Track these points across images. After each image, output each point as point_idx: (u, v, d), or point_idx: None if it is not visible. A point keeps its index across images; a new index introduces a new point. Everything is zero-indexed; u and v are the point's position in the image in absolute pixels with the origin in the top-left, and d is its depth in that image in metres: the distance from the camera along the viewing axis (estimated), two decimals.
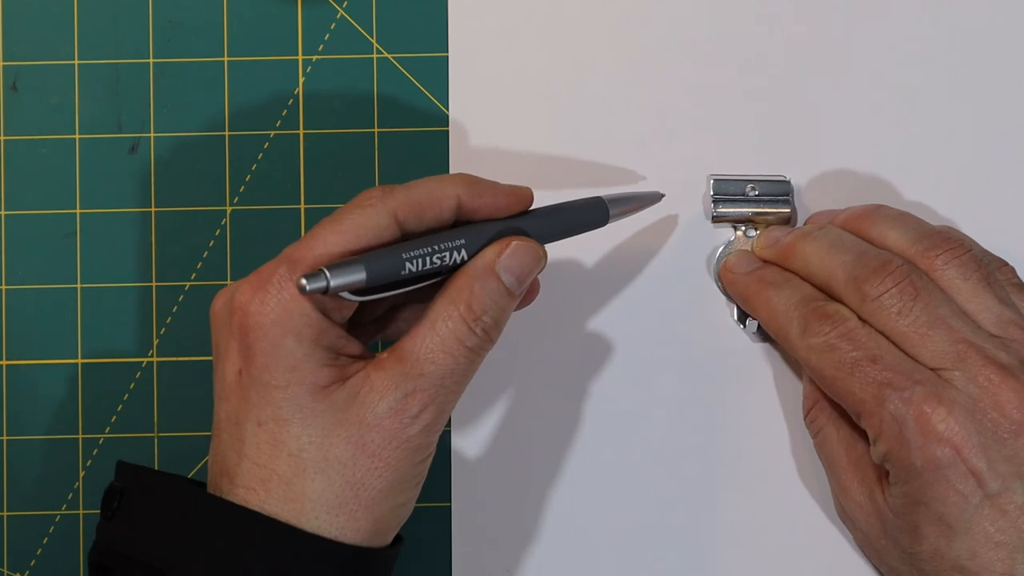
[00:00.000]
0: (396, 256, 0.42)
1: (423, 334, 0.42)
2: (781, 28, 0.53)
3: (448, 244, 0.43)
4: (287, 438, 0.41)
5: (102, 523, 0.44)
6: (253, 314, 0.41)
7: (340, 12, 0.53)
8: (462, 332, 0.42)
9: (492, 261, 0.43)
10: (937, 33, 0.52)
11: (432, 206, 0.43)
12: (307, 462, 0.41)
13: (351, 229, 0.42)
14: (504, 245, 0.44)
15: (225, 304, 0.43)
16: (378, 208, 0.42)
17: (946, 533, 0.44)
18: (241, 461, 0.42)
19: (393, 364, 0.42)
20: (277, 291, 0.41)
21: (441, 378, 0.42)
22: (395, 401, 0.42)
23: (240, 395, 0.42)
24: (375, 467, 0.42)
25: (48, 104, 0.53)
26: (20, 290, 0.53)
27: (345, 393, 0.42)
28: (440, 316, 0.42)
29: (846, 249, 0.47)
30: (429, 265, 0.42)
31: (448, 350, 0.42)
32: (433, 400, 0.42)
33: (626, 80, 0.53)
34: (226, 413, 0.43)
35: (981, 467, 0.43)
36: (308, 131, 0.53)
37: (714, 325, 0.52)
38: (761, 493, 0.51)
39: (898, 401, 0.44)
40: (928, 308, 0.45)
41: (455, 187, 0.44)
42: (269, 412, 0.41)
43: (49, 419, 0.52)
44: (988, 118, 0.52)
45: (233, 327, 0.42)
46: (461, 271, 0.43)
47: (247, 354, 0.42)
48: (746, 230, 0.52)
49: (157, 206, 0.53)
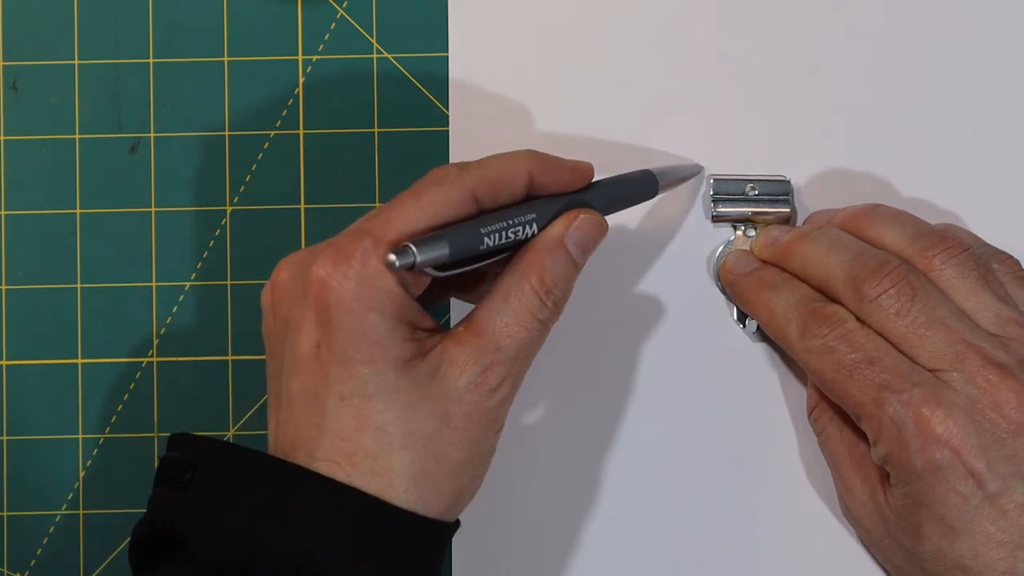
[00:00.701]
0: (475, 231, 0.42)
1: (497, 308, 0.43)
2: (781, 28, 0.53)
3: (521, 219, 0.44)
4: (372, 412, 0.41)
5: (170, 495, 0.43)
6: (335, 288, 0.41)
7: (340, 12, 0.53)
8: (535, 305, 0.43)
9: (561, 234, 0.44)
10: (937, 32, 0.52)
11: (506, 183, 0.44)
12: (393, 436, 0.41)
13: (431, 205, 0.42)
14: (571, 218, 0.45)
15: (294, 276, 0.43)
16: (456, 185, 0.43)
17: (948, 534, 0.44)
18: (321, 435, 0.41)
19: (470, 338, 0.43)
20: (360, 265, 0.41)
21: (516, 351, 0.43)
22: (475, 375, 0.42)
23: (318, 369, 0.42)
24: (458, 439, 0.42)
25: (48, 104, 0.53)
26: (20, 290, 0.53)
27: (427, 367, 0.42)
28: (513, 290, 0.43)
29: (844, 249, 0.47)
30: (504, 240, 0.43)
31: (523, 323, 0.43)
32: (509, 372, 0.43)
33: (626, 80, 0.53)
34: (299, 386, 0.42)
35: (980, 468, 0.43)
36: (308, 131, 0.53)
37: (714, 325, 0.52)
38: (764, 492, 0.51)
39: (897, 403, 0.44)
40: (926, 308, 0.45)
41: (526, 164, 0.44)
42: (353, 387, 0.41)
43: (49, 419, 0.52)
44: (988, 116, 0.52)
45: (309, 300, 0.42)
46: (531, 245, 0.44)
47: (327, 328, 0.41)
48: (746, 230, 0.52)
49: (157, 206, 0.53)
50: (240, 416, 0.52)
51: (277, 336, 0.43)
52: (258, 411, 0.52)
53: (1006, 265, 0.48)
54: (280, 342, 0.43)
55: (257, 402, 0.52)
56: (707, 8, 0.53)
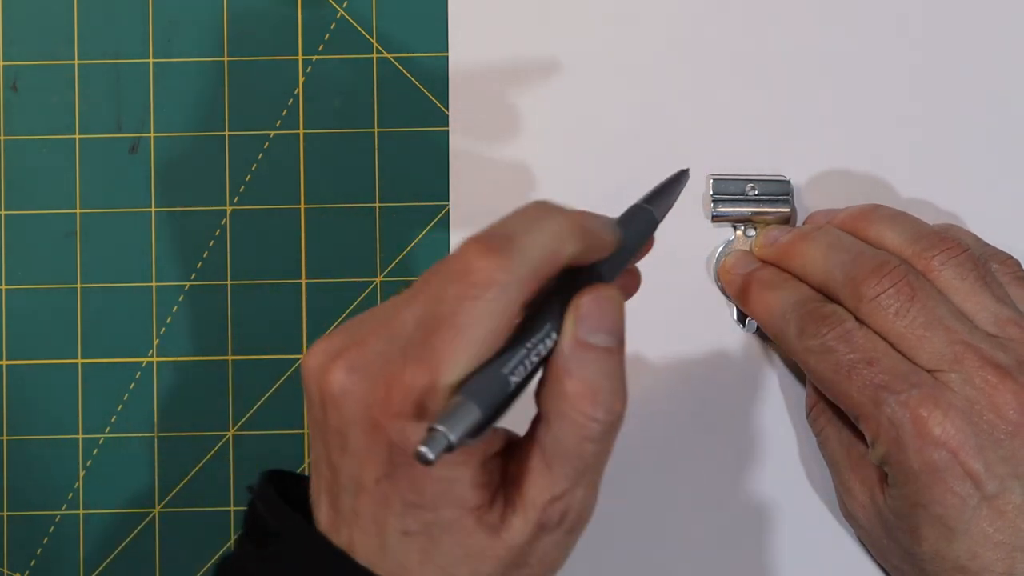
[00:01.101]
0: (499, 375, 0.37)
1: (548, 444, 0.38)
2: (781, 28, 0.53)
3: (539, 336, 0.38)
4: (436, 555, 0.39)
5: (252, 553, 0.41)
6: (398, 429, 0.37)
7: (340, 12, 0.53)
8: (584, 431, 0.38)
9: (573, 336, 0.38)
10: (937, 32, 0.52)
11: (551, 270, 0.38)
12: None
13: (485, 338, 0.37)
14: (575, 310, 0.38)
15: (352, 392, 0.38)
16: (509, 293, 0.37)
17: (945, 535, 0.44)
18: (385, 556, 0.39)
19: (531, 481, 0.39)
20: (418, 411, 0.37)
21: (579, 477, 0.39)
22: (539, 517, 0.39)
23: (380, 499, 0.39)
24: (535, 571, 0.40)
25: (48, 104, 0.53)
26: (20, 290, 0.53)
27: (494, 516, 0.39)
28: (554, 423, 0.38)
29: (843, 249, 0.47)
30: (530, 366, 0.37)
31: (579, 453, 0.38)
32: (574, 500, 0.39)
33: (626, 80, 0.53)
34: (360, 509, 0.39)
35: (978, 469, 0.43)
36: (308, 131, 0.53)
37: (714, 325, 0.52)
38: (763, 492, 0.51)
39: (895, 404, 0.44)
40: (925, 309, 0.45)
41: (571, 244, 0.38)
42: (417, 527, 0.39)
43: (49, 419, 0.52)
44: (988, 117, 0.52)
45: (372, 430, 0.38)
46: (551, 361, 0.38)
47: (392, 472, 0.38)
48: (745, 230, 0.52)
49: (157, 206, 0.53)
50: (240, 416, 0.52)
51: (333, 443, 0.39)
52: (258, 411, 0.52)
53: (1006, 265, 0.48)
54: (339, 451, 0.39)
55: (257, 402, 0.52)
56: (707, 8, 0.53)
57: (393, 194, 0.53)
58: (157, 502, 0.52)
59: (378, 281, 0.52)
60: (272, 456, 0.52)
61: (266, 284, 0.52)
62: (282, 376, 0.52)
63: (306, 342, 0.52)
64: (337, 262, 0.52)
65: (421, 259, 0.52)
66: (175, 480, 0.52)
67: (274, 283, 0.52)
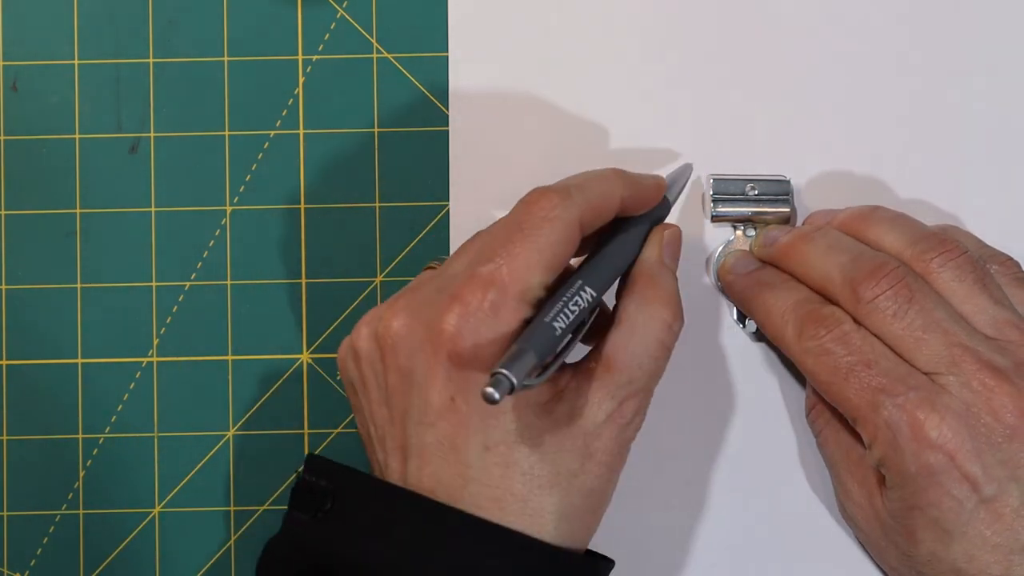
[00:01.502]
0: (545, 325, 0.41)
1: (625, 341, 0.44)
2: (781, 28, 0.53)
3: (572, 289, 0.43)
4: (519, 458, 0.42)
5: (311, 522, 0.43)
6: (469, 345, 0.41)
7: (340, 12, 0.53)
8: (662, 333, 0.44)
9: (660, 255, 0.46)
10: (937, 33, 0.52)
11: (604, 209, 0.44)
12: (541, 478, 0.42)
13: (548, 247, 0.42)
14: (660, 236, 0.46)
15: (412, 327, 0.42)
16: (565, 219, 0.42)
17: (942, 537, 0.44)
18: (467, 484, 0.42)
19: (603, 373, 0.43)
20: (491, 319, 0.41)
21: (647, 381, 0.44)
22: (611, 409, 0.43)
23: (456, 421, 0.42)
24: (600, 472, 0.43)
25: (48, 104, 0.53)
26: (20, 290, 0.53)
27: (565, 407, 0.43)
28: (639, 320, 0.44)
29: (842, 251, 0.47)
30: (570, 317, 0.42)
31: (651, 354, 0.44)
32: (642, 403, 0.44)
33: (626, 80, 0.53)
34: (434, 438, 0.42)
35: (975, 472, 0.43)
36: (308, 131, 0.53)
37: (714, 325, 0.52)
38: (762, 492, 0.51)
39: (892, 408, 0.44)
40: (923, 311, 0.45)
41: (619, 188, 0.44)
42: (497, 436, 0.42)
43: (49, 419, 0.52)
44: (989, 117, 0.52)
45: (440, 353, 0.41)
46: (638, 270, 0.45)
47: (464, 383, 0.41)
48: (745, 230, 0.52)
49: (157, 206, 0.53)
50: (240, 416, 0.52)
51: (397, 387, 0.43)
52: (258, 411, 0.52)
53: (1005, 267, 0.48)
54: (402, 394, 0.43)
55: (257, 402, 0.52)
56: (707, 8, 0.53)
57: (393, 194, 0.53)
58: (157, 502, 0.52)
59: (378, 281, 0.52)
60: (272, 456, 0.52)
61: (266, 284, 0.52)
62: (282, 376, 0.52)
63: (306, 342, 0.52)
64: (337, 262, 0.52)
65: (421, 259, 0.52)
66: (175, 480, 0.52)
67: (274, 283, 0.52)
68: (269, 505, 0.52)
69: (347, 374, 0.46)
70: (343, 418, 0.52)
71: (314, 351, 0.52)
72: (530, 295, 0.42)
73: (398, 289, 0.52)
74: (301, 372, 0.52)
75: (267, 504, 0.52)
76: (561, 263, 0.43)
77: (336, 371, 0.52)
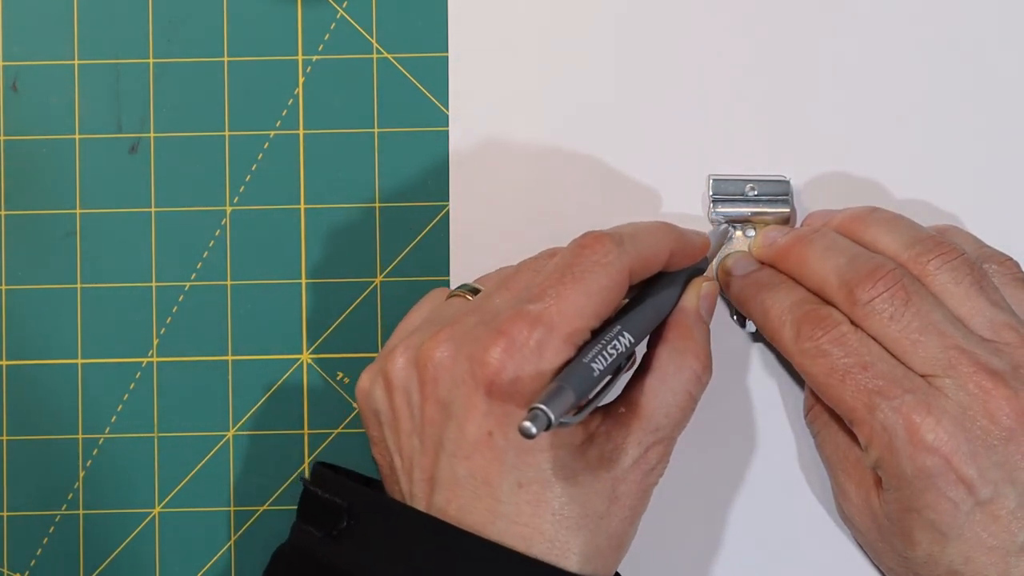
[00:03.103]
0: (584, 365, 0.42)
1: (655, 389, 0.44)
2: (781, 28, 0.53)
3: (611, 333, 0.43)
4: (551, 497, 0.42)
5: (326, 541, 0.43)
6: (511, 380, 0.41)
7: (340, 12, 0.53)
8: (691, 384, 0.45)
9: (697, 306, 0.47)
10: (937, 33, 0.52)
11: (653, 261, 0.45)
12: (570, 519, 0.42)
13: (598, 291, 0.43)
14: (698, 288, 0.47)
15: (457, 358, 0.42)
16: (617, 266, 0.43)
17: (938, 539, 0.44)
18: (495, 520, 0.42)
19: (631, 419, 0.44)
20: (535, 357, 0.41)
21: (672, 429, 0.45)
22: (638, 455, 0.44)
23: (492, 455, 0.42)
24: (624, 515, 0.44)
25: (48, 104, 0.53)
26: (20, 290, 0.53)
27: (595, 450, 0.43)
28: (669, 370, 0.45)
29: (839, 253, 0.47)
30: (608, 360, 0.42)
31: (679, 404, 0.45)
32: (667, 448, 0.45)
33: (626, 80, 0.53)
34: (468, 471, 0.42)
35: (971, 475, 0.43)
36: (308, 131, 0.53)
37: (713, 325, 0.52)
38: (761, 492, 0.51)
39: (888, 410, 0.44)
40: (920, 313, 0.45)
41: (668, 242, 0.45)
42: (532, 474, 0.42)
43: (49, 419, 0.52)
44: (988, 118, 0.52)
45: (480, 386, 0.42)
46: (674, 320, 0.46)
47: (503, 418, 0.42)
48: (745, 230, 0.52)
49: (157, 206, 0.53)
50: (240, 416, 0.52)
51: (433, 418, 0.43)
52: (258, 411, 0.52)
53: (1003, 266, 0.47)
54: (438, 425, 0.43)
55: (257, 402, 0.52)
56: (707, 8, 0.53)
57: (393, 194, 0.53)
58: (157, 502, 0.52)
59: (378, 281, 0.52)
60: (272, 456, 0.52)
61: (266, 284, 0.52)
62: (282, 376, 0.52)
63: (306, 342, 0.52)
64: (337, 262, 0.52)
65: (421, 259, 0.52)
66: (175, 480, 0.52)
67: (274, 283, 0.53)
68: (269, 505, 0.52)
69: (372, 404, 0.45)
70: (343, 418, 0.52)
71: (314, 351, 0.52)
72: (576, 338, 0.42)
73: (398, 289, 0.52)
74: (301, 372, 0.52)
75: (267, 504, 0.52)
76: (609, 309, 0.43)
77: (336, 372, 0.52)
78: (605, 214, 0.52)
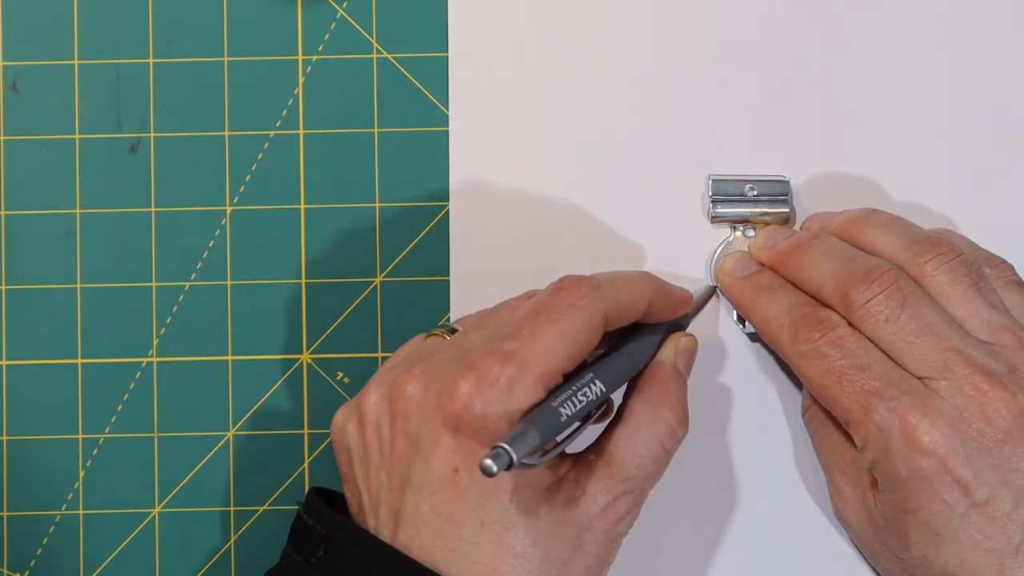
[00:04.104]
0: (552, 409, 0.42)
1: (628, 438, 0.44)
2: (781, 28, 0.53)
3: (583, 380, 0.43)
4: (513, 539, 0.42)
5: (299, 563, 0.44)
6: (478, 416, 0.41)
7: (340, 12, 0.53)
8: (665, 437, 0.45)
9: (674, 360, 0.47)
10: (937, 33, 0.52)
11: (631, 309, 0.45)
12: (531, 562, 0.42)
13: (572, 333, 0.43)
14: (676, 343, 0.47)
15: (427, 393, 0.42)
16: (591, 310, 0.43)
17: (934, 541, 0.44)
18: (456, 558, 0.42)
19: (602, 468, 0.44)
20: (505, 394, 0.41)
21: (643, 481, 0.44)
22: (606, 503, 0.44)
23: (456, 493, 0.42)
24: (588, 564, 0.43)
25: (48, 104, 0.53)
26: (20, 290, 0.53)
27: (562, 495, 0.43)
28: (644, 420, 0.45)
29: (836, 256, 0.47)
30: (576, 406, 0.42)
31: (652, 455, 0.44)
32: (637, 500, 0.44)
33: (626, 80, 0.53)
34: (432, 507, 0.42)
35: (967, 477, 0.43)
36: (308, 131, 0.53)
37: (713, 325, 0.52)
38: (760, 492, 0.51)
39: (884, 412, 0.44)
40: (916, 315, 0.45)
41: (648, 293, 0.46)
42: (495, 513, 0.42)
43: (49, 419, 0.52)
44: (987, 119, 0.52)
45: (448, 421, 0.42)
46: (651, 372, 0.46)
47: (469, 454, 0.41)
48: (745, 230, 0.52)
49: (157, 206, 0.53)
50: (240, 416, 0.52)
51: (401, 453, 0.43)
52: (258, 411, 0.52)
53: (999, 269, 0.48)
54: (405, 460, 0.43)
55: (257, 402, 0.52)
56: (707, 8, 0.53)
57: (393, 194, 0.53)
58: (157, 502, 0.52)
59: (378, 281, 0.52)
60: (272, 456, 0.52)
61: (266, 284, 0.53)
62: (282, 376, 0.52)
63: (306, 342, 0.52)
64: (337, 262, 0.53)
65: (421, 259, 0.52)
66: (175, 480, 0.52)
67: (274, 283, 0.53)
68: (269, 505, 0.52)
69: (344, 440, 0.45)
70: None
71: (314, 351, 0.52)
72: (548, 380, 0.42)
73: (398, 289, 0.52)
74: (301, 372, 0.52)
75: (267, 504, 0.52)
76: (582, 353, 0.43)
77: (336, 372, 0.52)
78: (605, 214, 0.52)
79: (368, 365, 0.52)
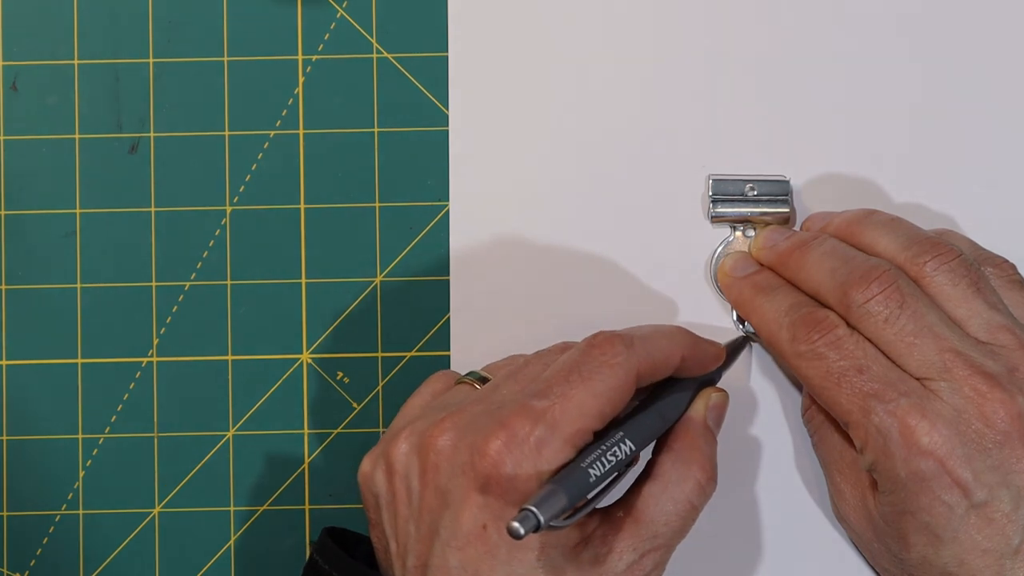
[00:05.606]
0: (581, 470, 0.41)
1: (656, 495, 0.44)
2: (781, 28, 0.53)
3: (612, 440, 0.43)
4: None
5: None
6: (508, 476, 0.41)
7: (340, 12, 0.53)
8: (694, 495, 0.44)
9: (705, 416, 0.46)
10: (937, 34, 0.52)
11: (664, 365, 0.45)
12: None
13: (605, 392, 0.42)
14: (707, 399, 0.47)
15: (459, 447, 0.42)
16: (625, 367, 0.43)
17: (933, 542, 0.44)
18: None
19: (629, 525, 0.44)
20: (534, 455, 0.41)
21: (671, 537, 0.44)
22: (632, 560, 0.43)
23: (484, 549, 0.42)
24: None
25: (48, 104, 0.53)
26: (20, 290, 0.53)
27: (590, 552, 0.43)
28: (672, 478, 0.44)
29: (836, 257, 0.47)
30: (606, 467, 0.42)
31: (680, 513, 0.44)
32: (664, 556, 0.44)
33: (626, 80, 0.53)
34: (460, 561, 0.42)
35: (966, 478, 0.43)
36: (308, 131, 0.53)
37: (713, 325, 0.52)
38: (758, 492, 0.51)
39: (883, 413, 0.44)
40: (915, 316, 0.44)
41: (681, 348, 0.45)
42: (522, 570, 0.42)
43: (49, 419, 0.52)
44: (987, 119, 0.52)
45: (478, 479, 0.41)
46: (681, 429, 0.45)
47: (498, 512, 0.41)
48: (745, 230, 0.52)
49: (157, 206, 0.53)
50: (240, 416, 0.52)
51: (431, 506, 0.43)
52: (258, 411, 0.52)
53: (1000, 269, 0.47)
54: (435, 512, 0.43)
55: (257, 402, 0.52)
56: (707, 8, 0.53)
57: (393, 194, 0.53)
58: (157, 502, 0.52)
59: (378, 281, 0.52)
60: (272, 456, 0.52)
61: (266, 284, 0.53)
62: (282, 376, 0.52)
63: (306, 342, 0.52)
64: (337, 262, 0.53)
65: (421, 259, 0.52)
66: (175, 480, 0.52)
67: (274, 283, 0.53)
68: (269, 505, 0.52)
69: (373, 487, 0.45)
70: (343, 418, 0.52)
71: (314, 351, 0.52)
72: (578, 439, 0.42)
73: (398, 288, 0.52)
74: (301, 372, 0.52)
75: (267, 504, 0.52)
76: (613, 411, 0.43)
77: (336, 372, 0.52)
78: (605, 213, 0.52)
79: (368, 365, 0.52)
